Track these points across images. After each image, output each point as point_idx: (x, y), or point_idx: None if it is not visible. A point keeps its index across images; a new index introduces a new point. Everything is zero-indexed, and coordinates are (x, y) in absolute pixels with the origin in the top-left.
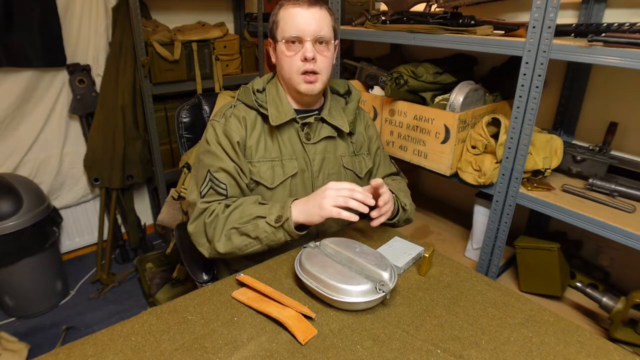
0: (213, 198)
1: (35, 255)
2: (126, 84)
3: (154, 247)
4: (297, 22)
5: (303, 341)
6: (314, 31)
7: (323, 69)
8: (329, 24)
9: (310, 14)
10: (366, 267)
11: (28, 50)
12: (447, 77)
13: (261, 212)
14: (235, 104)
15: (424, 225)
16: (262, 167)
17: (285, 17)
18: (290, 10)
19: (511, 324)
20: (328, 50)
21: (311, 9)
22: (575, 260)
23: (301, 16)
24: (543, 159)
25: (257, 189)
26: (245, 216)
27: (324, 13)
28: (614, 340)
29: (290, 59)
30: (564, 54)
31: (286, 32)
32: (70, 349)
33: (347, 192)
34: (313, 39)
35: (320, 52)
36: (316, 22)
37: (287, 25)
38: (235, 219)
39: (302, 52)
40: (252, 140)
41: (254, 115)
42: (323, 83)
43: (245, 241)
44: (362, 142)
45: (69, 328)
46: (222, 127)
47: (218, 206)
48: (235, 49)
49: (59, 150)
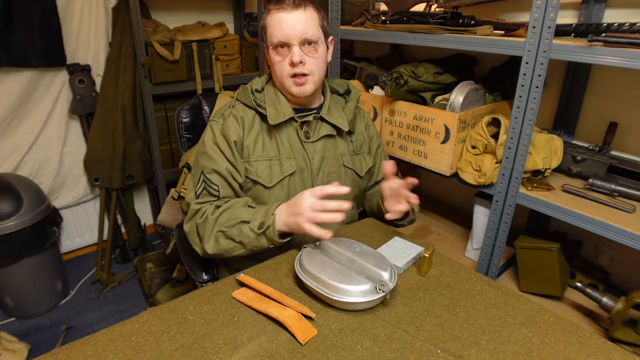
0: (206, 199)
1: (35, 255)
2: (126, 84)
3: (154, 247)
4: (282, 27)
5: (303, 341)
6: (300, 34)
7: (314, 70)
8: (315, 23)
9: (295, 17)
10: (366, 267)
11: (28, 50)
12: (447, 77)
13: (246, 216)
14: (233, 104)
15: (424, 225)
16: (260, 166)
17: (272, 22)
18: (275, 15)
19: (511, 324)
20: (316, 50)
21: (295, 11)
22: (575, 260)
23: (285, 21)
24: (543, 159)
25: (254, 188)
26: (232, 219)
27: (310, 13)
28: (614, 340)
29: (280, 64)
30: (564, 54)
31: (273, 38)
32: (70, 349)
33: (320, 205)
34: (300, 42)
35: (309, 54)
36: (301, 24)
37: (274, 31)
38: (222, 222)
39: (289, 56)
40: (250, 139)
41: (252, 114)
42: (315, 83)
43: (230, 244)
44: (362, 141)
45: (69, 328)
46: (219, 127)
47: (209, 207)
48: (235, 49)
49: (59, 150)
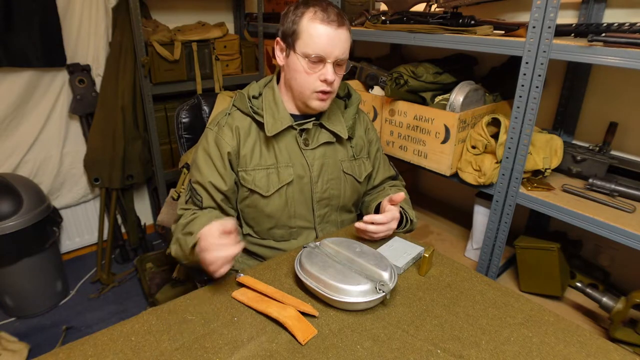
0: (190, 206)
1: (35, 255)
2: (126, 84)
3: (154, 247)
4: (323, 42)
5: (303, 341)
6: (338, 54)
7: (336, 88)
8: (349, 44)
9: (338, 35)
10: (366, 267)
11: (28, 50)
12: (447, 77)
13: (195, 228)
14: (230, 112)
15: (424, 225)
16: (257, 175)
17: (311, 31)
18: (317, 26)
19: (511, 324)
20: (343, 70)
21: (339, 30)
22: (575, 260)
23: (329, 37)
24: (543, 159)
25: (252, 197)
26: (188, 229)
27: (348, 34)
28: (614, 340)
29: (308, 76)
30: (564, 54)
31: (309, 49)
32: (70, 349)
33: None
34: (335, 61)
35: (337, 72)
36: (342, 44)
37: (312, 42)
38: (182, 230)
39: (322, 72)
40: (246, 148)
41: (248, 122)
42: (332, 99)
43: (179, 253)
44: (361, 145)
45: (69, 328)
46: (214, 135)
47: (186, 213)
48: (235, 49)
49: (59, 150)
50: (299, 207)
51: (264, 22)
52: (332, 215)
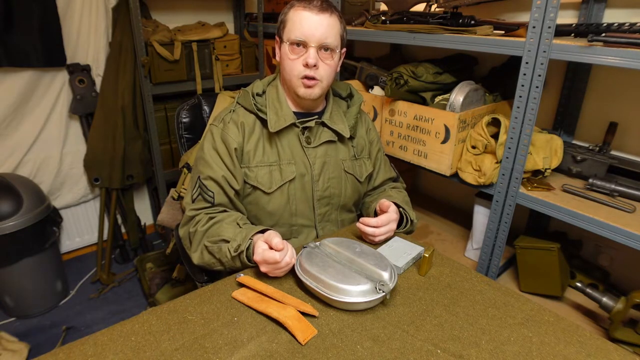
0: (201, 205)
1: (35, 255)
2: (126, 84)
3: (154, 247)
4: (304, 26)
5: (303, 341)
6: (320, 38)
7: (324, 77)
8: (337, 32)
9: (319, 20)
10: (366, 267)
11: (28, 50)
12: (447, 77)
13: (228, 235)
14: (234, 109)
15: (424, 225)
16: (260, 172)
17: (294, 18)
18: (299, 12)
19: (511, 324)
20: (332, 58)
21: (321, 14)
22: (575, 260)
23: (309, 20)
24: (543, 159)
25: (254, 194)
26: (216, 235)
27: (334, 20)
28: (614, 340)
29: (292, 62)
30: (564, 54)
31: (292, 34)
32: (70, 349)
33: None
34: (318, 46)
35: (324, 60)
36: (324, 28)
37: (294, 27)
38: (208, 236)
39: (304, 57)
40: (250, 145)
41: (252, 119)
42: (322, 89)
43: (211, 260)
44: (363, 145)
45: (69, 328)
46: (220, 132)
47: (203, 217)
48: (235, 49)
49: (59, 150)
50: (300, 205)
51: (264, 22)
52: (332, 214)
